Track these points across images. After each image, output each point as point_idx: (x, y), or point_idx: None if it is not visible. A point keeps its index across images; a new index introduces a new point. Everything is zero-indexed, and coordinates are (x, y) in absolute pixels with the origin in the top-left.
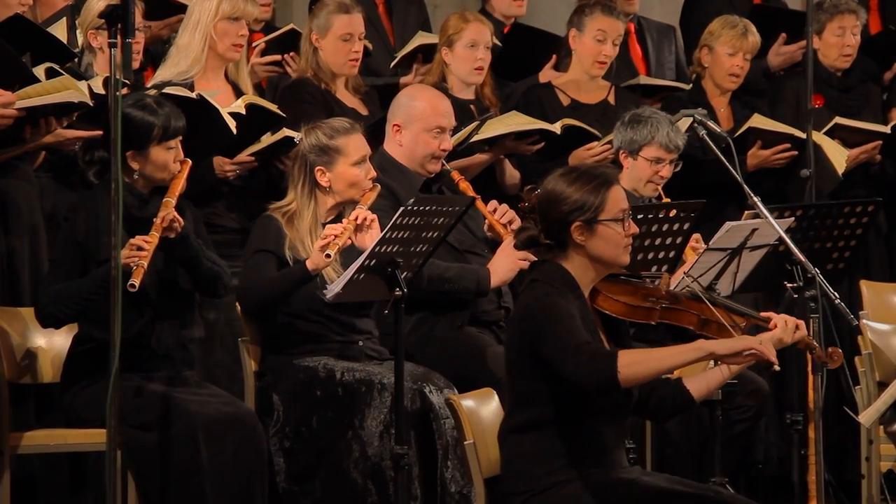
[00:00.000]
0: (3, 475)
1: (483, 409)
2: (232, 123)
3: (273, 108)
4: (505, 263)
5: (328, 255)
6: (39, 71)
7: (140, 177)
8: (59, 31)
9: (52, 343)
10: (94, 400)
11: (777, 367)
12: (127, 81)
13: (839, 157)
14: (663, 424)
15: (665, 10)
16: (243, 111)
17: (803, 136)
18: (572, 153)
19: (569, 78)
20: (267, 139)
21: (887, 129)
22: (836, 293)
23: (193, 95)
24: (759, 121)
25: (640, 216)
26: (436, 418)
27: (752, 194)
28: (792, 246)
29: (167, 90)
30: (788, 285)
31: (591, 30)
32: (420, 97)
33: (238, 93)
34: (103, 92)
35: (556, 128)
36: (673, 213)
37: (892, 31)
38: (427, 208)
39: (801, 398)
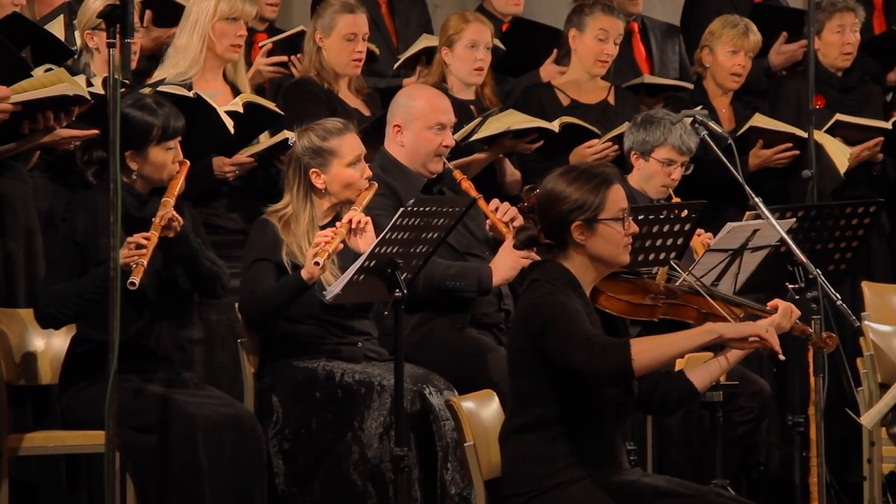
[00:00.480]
0: (1, 477)
1: (483, 410)
2: (229, 123)
3: (271, 105)
4: (507, 261)
5: (317, 263)
6: (38, 73)
7: (139, 177)
8: (57, 28)
9: (51, 344)
10: (93, 401)
11: (782, 357)
12: (126, 81)
13: (841, 155)
14: (668, 418)
15: (666, 10)
16: (241, 109)
17: (805, 135)
18: (573, 151)
19: (568, 78)
20: (266, 140)
21: (888, 125)
22: (837, 294)
23: (190, 94)
24: (760, 120)
25: (640, 216)
26: (436, 420)
27: (753, 195)
28: (793, 247)
29: (164, 88)
30: (790, 286)
31: (592, 29)
32: (419, 96)
33: (237, 93)
34: (102, 92)
35: (555, 126)
36: (674, 213)
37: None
38: (427, 209)
39: (802, 400)
